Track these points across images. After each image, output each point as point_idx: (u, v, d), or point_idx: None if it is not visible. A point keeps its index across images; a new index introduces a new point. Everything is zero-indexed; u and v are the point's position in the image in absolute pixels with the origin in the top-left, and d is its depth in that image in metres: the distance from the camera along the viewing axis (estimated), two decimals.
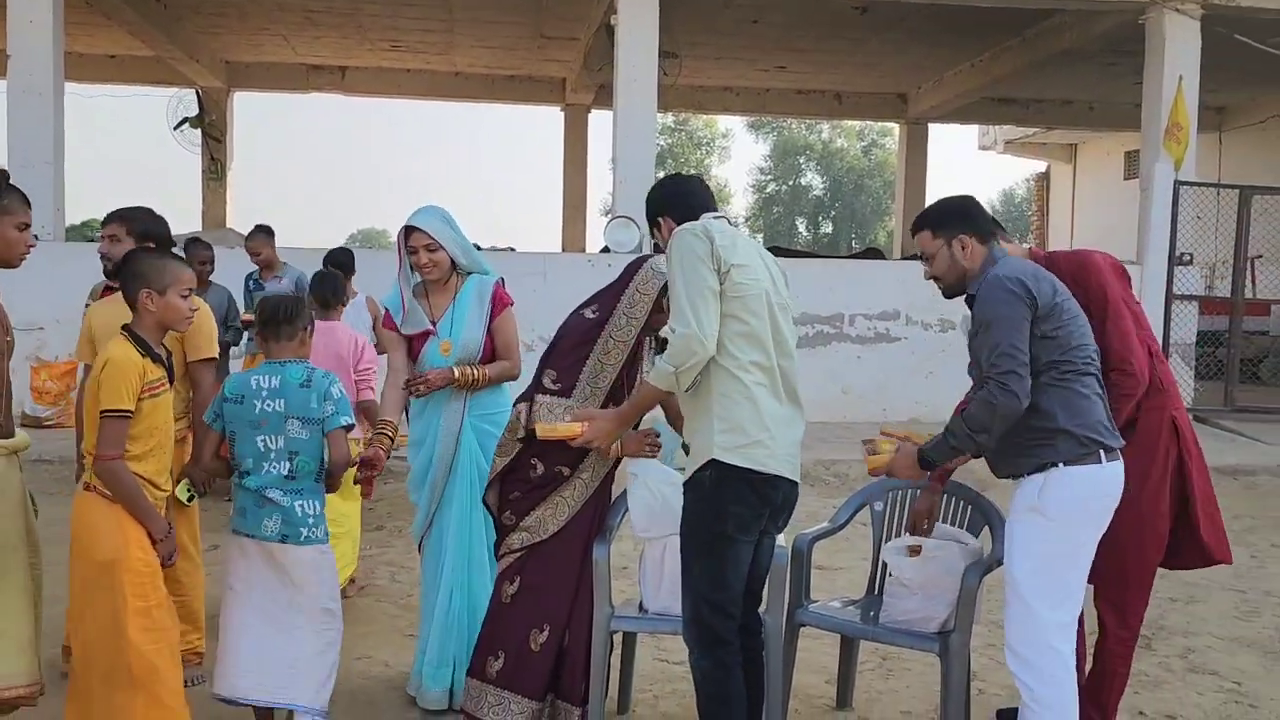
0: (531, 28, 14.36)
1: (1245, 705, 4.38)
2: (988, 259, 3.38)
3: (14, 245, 3.29)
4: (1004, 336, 3.17)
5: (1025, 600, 3.23)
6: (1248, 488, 8.75)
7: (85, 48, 15.53)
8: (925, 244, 3.46)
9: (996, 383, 3.13)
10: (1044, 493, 3.21)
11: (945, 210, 3.47)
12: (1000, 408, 3.14)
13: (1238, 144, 18.27)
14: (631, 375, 3.79)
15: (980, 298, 3.28)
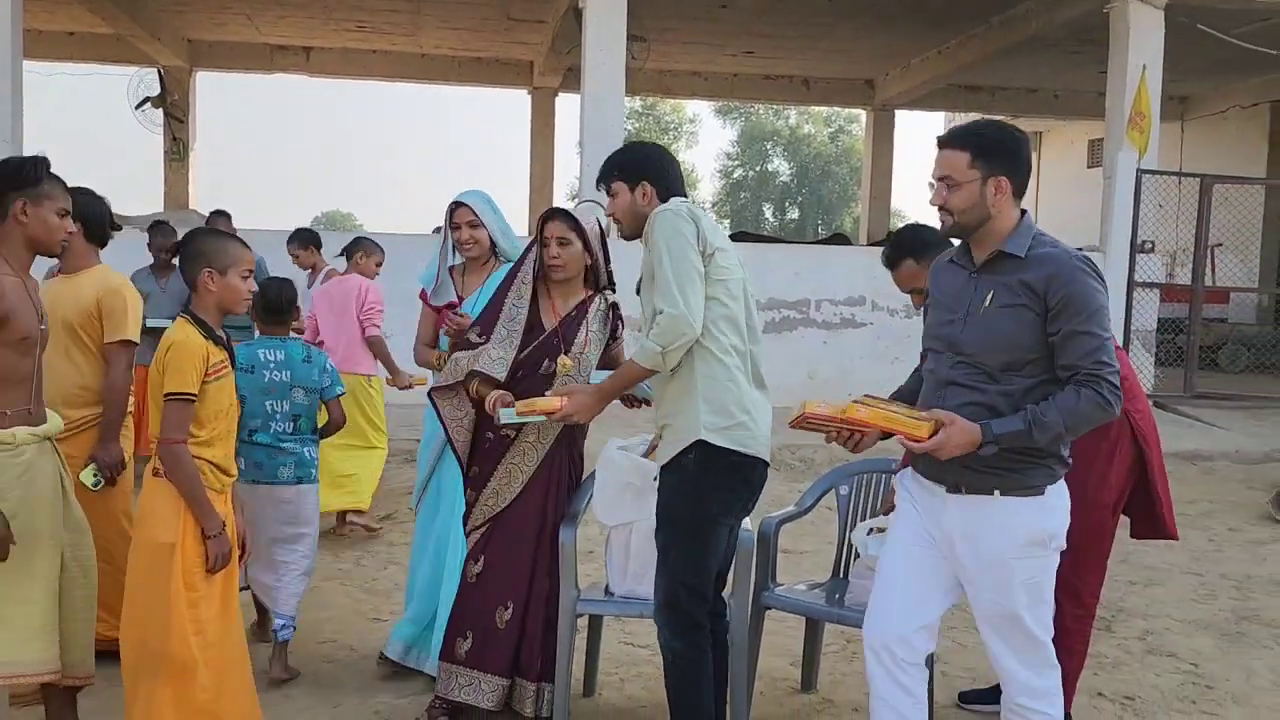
0: (499, 10, 14.26)
1: (1202, 686, 4.45)
2: (1024, 223, 2.91)
3: (54, 231, 3.27)
4: (1109, 330, 2.82)
5: (1038, 640, 2.92)
6: (1205, 473, 8.88)
7: (44, 24, 15.25)
8: (954, 169, 2.88)
9: (1110, 385, 2.75)
10: (1043, 523, 2.87)
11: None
12: (1106, 416, 2.79)
13: (1199, 133, 18.47)
14: (568, 326, 3.75)
15: (1067, 277, 2.78)
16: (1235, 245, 14.52)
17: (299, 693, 4.07)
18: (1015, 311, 2.80)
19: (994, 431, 2.75)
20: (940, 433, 2.75)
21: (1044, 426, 2.73)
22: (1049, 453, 2.84)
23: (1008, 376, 2.82)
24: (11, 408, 3.13)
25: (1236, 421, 10.63)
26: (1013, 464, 2.82)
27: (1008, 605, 2.89)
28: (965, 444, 2.75)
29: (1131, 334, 11.20)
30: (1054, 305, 2.76)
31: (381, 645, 4.32)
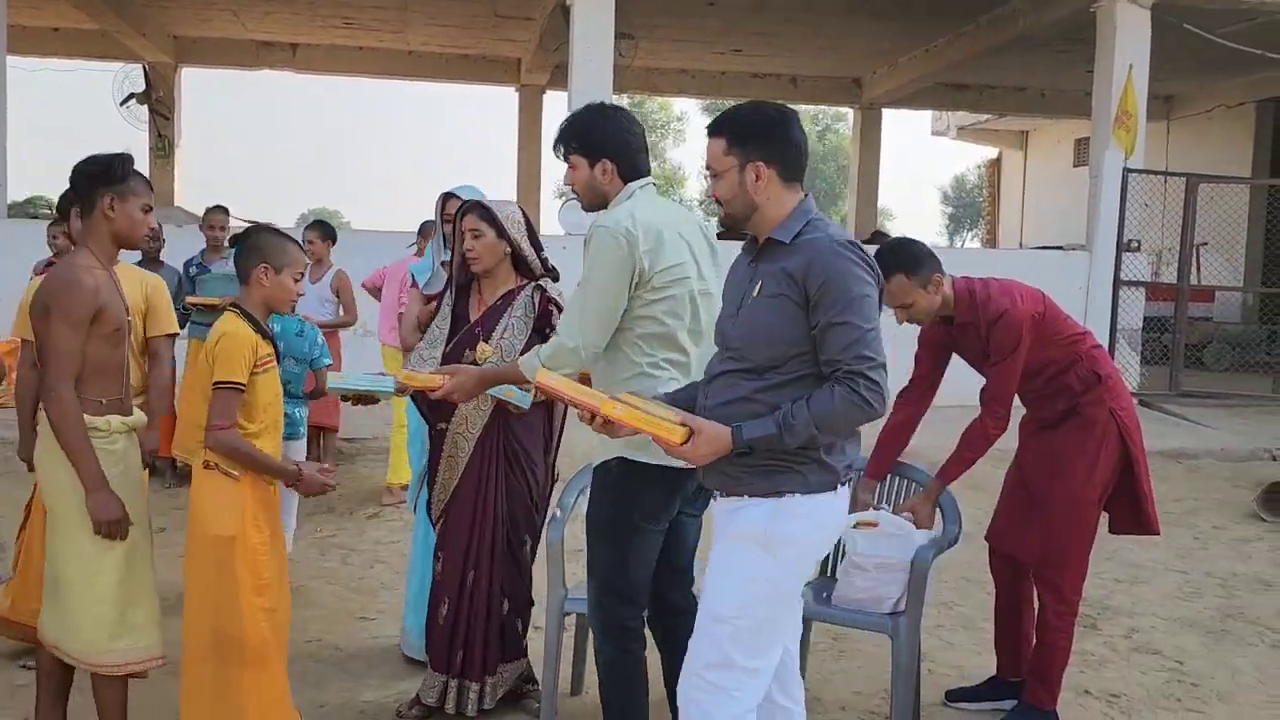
0: (486, 7, 14.22)
1: (1187, 684, 4.47)
2: (800, 208, 2.70)
3: (139, 226, 3.30)
4: (872, 320, 2.60)
5: (720, 642, 2.67)
6: (1191, 471, 8.90)
7: (28, 20, 15.14)
8: (713, 158, 2.74)
9: (869, 382, 2.54)
10: (774, 523, 2.64)
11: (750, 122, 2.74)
12: (865, 416, 2.57)
13: (1185, 133, 18.54)
14: (489, 317, 3.82)
15: (824, 263, 2.58)
16: (1220, 244, 14.57)
17: None
18: (778, 302, 2.62)
19: (744, 435, 2.56)
20: (691, 439, 2.56)
21: (793, 429, 2.53)
22: (806, 458, 2.61)
23: (771, 373, 2.63)
24: (106, 397, 3.23)
25: (1222, 420, 10.67)
26: (764, 466, 2.62)
27: (715, 598, 2.71)
28: (716, 449, 2.58)
29: (1117, 332, 11.23)
30: (813, 294, 2.56)
31: (366, 643, 4.30)
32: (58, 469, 3.19)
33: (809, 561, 2.77)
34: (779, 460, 2.61)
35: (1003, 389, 3.81)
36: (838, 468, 2.66)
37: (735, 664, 2.65)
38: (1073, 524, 3.84)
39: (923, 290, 3.74)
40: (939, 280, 3.77)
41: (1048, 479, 3.90)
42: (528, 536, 3.87)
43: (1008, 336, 3.75)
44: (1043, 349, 3.82)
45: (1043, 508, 3.89)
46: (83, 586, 3.19)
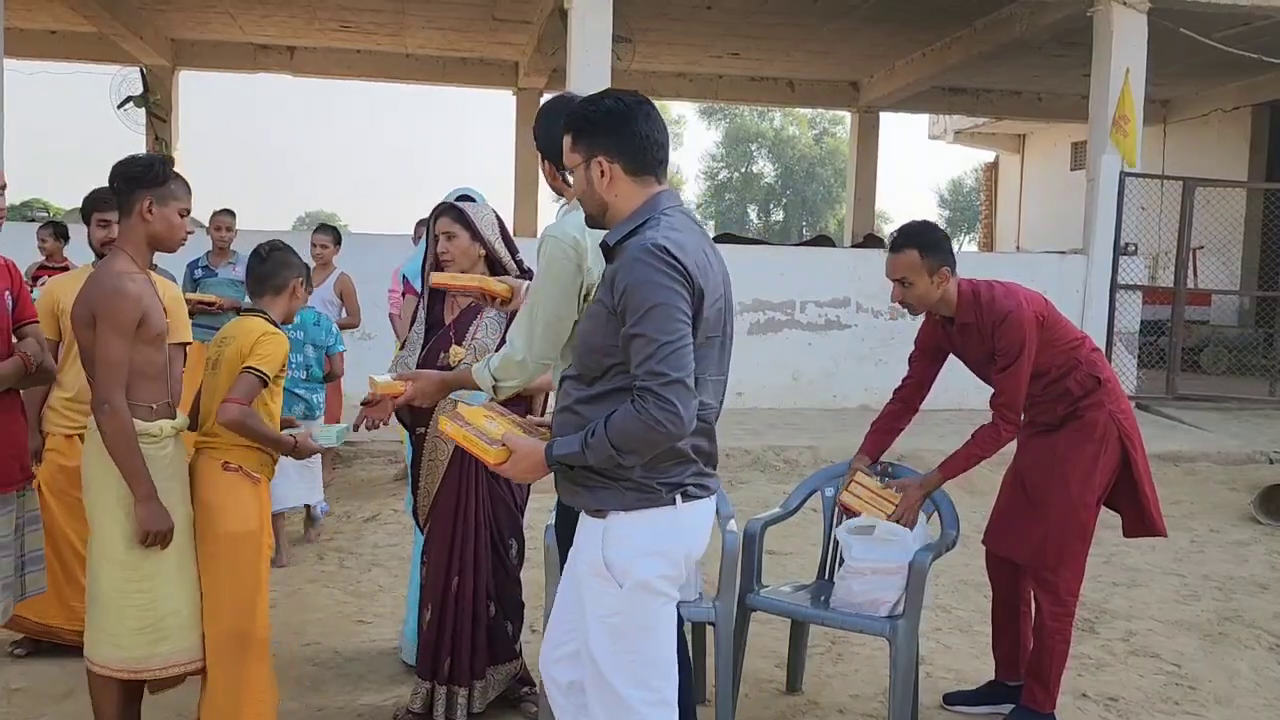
0: (484, 10, 14.22)
1: (1185, 687, 4.47)
2: (647, 204, 2.54)
3: (176, 230, 3.34)
4: (671, 332, 2.37)
5: (606, 680, 2.54)
6: (1188, 474, 8.91)
7: (25, 23, 15.13)
8: (566, 155, 2.61)
9: (658, 400, 2.33)
10: (607, 552, 2.50)
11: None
12: (657, 436, 2.38)
13: (1182, 137, 18.56)
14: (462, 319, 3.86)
15: (626, 269, 2.42)
16: (1217, 248, 14.60)
17: (282, 694, 4.04)
18: (596, 308, 2.50)
19: (554, 454, 2.48)
20: (509, 459, 2.53)
21: (593, 448, 2.40)
22: (621, 476, 2.47)
23: (596, 382, 2.50)
24: (155, 402, 3.28)
25: (1218, 423, 10.68)
26: (585, 481, 2.52)
27: (586, 642, 2.57)
28: (531, 467, 2.52)
29: (1114, 336, 11.24)
30: (618, 302, 2.40)
31: (364, 647, 4.30)
32: (103, 480, 3.21)
33: (664, 580, 2.53)
34: (597, 475, 2.49)
35: (1013, 393, 3.79)
36: (657, 486, 2.48)
37: (634, 704, 2.52)
38: (1070, 526, 3.84)
39: (928, 276, 3.75)
40: (947, 275, 3.77)
41: (1046, 481, 3.88)
42: (513, 539, 3.88)
43: (1014, 338, 3.74)
44: (1044, 353, 3.81)
45: (1040, 509, 3.88)
46: (120, 596, 3.21)
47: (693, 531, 2.58)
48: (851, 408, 10.79)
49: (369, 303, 7.65)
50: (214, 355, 3.51)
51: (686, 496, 2.52)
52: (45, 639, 4.28)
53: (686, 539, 2.57)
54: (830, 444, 8.72)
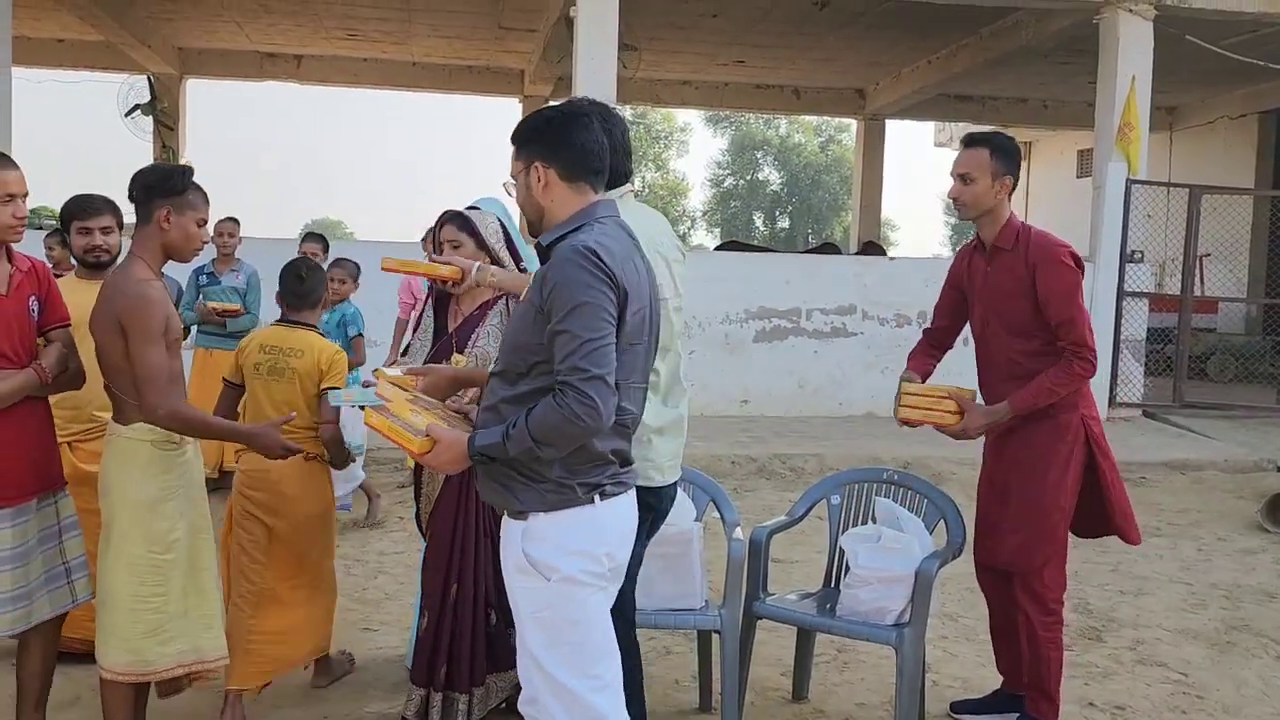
0: (490, 18, 14.26)
1: (1192, 696, 4.45)
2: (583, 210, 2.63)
3: (192, 240, 3.38)
4: (594, 330, 2.45)
5: (549, 673, 2.60)
6: (1195, 482, 8.89)
7: (33, 31, 15.21)
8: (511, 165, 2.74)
9: (577, 394, 2.41)
10: (526, 548, 2.57)
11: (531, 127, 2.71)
12: (576, 429, 2.45)
13: (1188, 144, 18.55)
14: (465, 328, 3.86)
15: (555, 268, 2.52)
16: (1223, 255, 14.58)
17: (287, 702, 4.05)
18: (525, 308, 2.59)
19: (476, 444, 2.53)
20: (433, 449, 2.56)
21: (514, 439, 2.46)
22: (540, 476, 2.53)
23: (521, 380, 2.57)
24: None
25: (1225, 431, 10.65)
26: (507, 481, 2.58)
27: (523, 639, 2.64)
28: (454, 458, 2.57)
29: (1121, 343, 11.22)
30: (546, 301, 2.49)
31: (370, 654, 4.30)
32: (122, 482, 3.27)
33: (590, 574, 2.58)
34: (517, 477, 2.55)
35: (1081, 328, 3.70)
36: (574, 485, 2.54)
37: (579, 693, 2.58)
38: (1045, 528, 3.82)
39: (991, 178, 3.77)
40: (1008, 185, 3.79)
41: (1023, 481, 3.84)
42: None
43: (1063, 271, 3.70)
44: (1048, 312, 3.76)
45: (1018, 512, 3.84)
46: (134, 600, 3.26)
47: (615, 528, 2.65)
48: (858, 415, 10.78)
49: (373, 310, 7.64)
50: (270, 363, 3.93)
51: (604, 495, 2.59)
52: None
53: (609, 536, 2.63)
54: (837, 452, 8.70)
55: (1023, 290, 3.75)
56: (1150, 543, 6.94)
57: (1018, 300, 3.77)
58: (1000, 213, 3.82)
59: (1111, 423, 11.06)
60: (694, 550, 3.84)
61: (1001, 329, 3.85)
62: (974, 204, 3.81)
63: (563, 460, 2.52)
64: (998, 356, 3.89)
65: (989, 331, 3.91)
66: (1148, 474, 9.00)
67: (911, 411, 3.85)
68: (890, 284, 11.06)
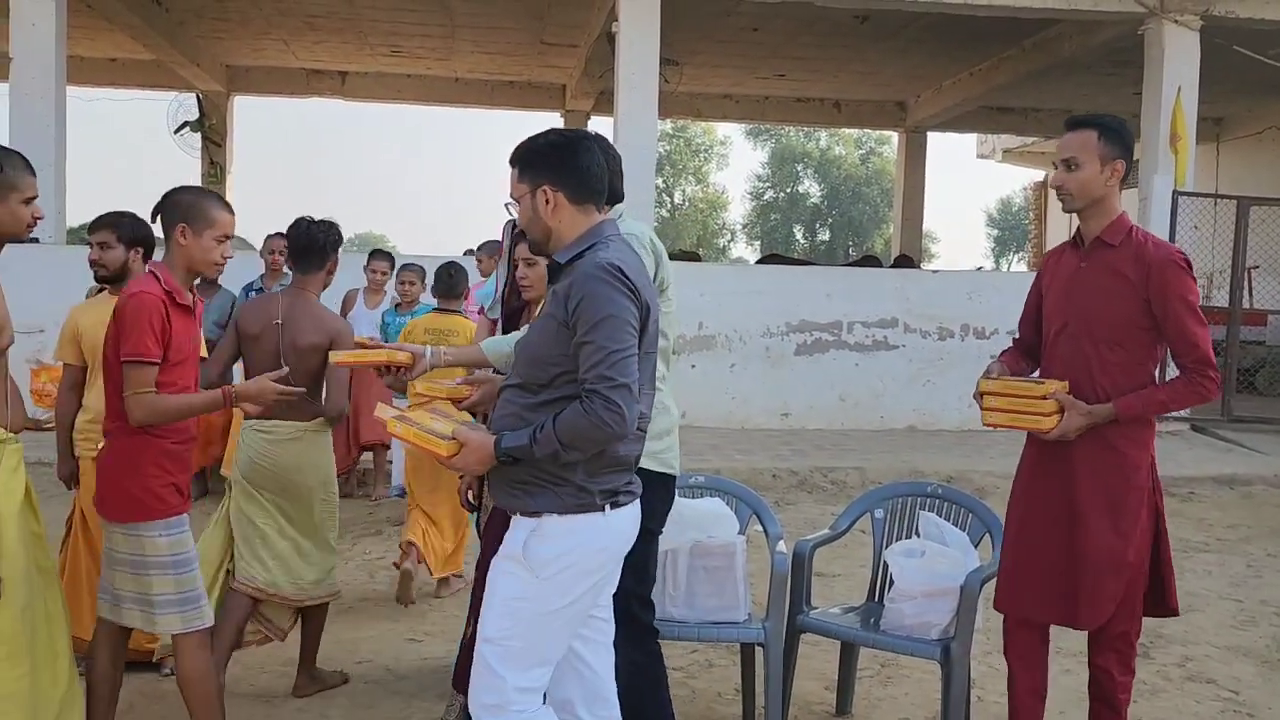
0: (532, 34, 14.38)
1: (1243, 714, 4.40)
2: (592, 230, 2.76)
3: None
4: (620, 341, 2.59)
5: (486, 657, 2.70)
6: (1244, 497, 8.77)
7: (86, 51, 15.52)
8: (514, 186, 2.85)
9: (605, 401, 2.54)
10: (532, 543, 2.68)
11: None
12: (605, 434, 2.58)
13: (1236, 155, 18.31)
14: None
15: (580, 284, 2.64)
16: (1273, 267, 14.34)
17: (335, 711, 4.10)
18: (547, 321, 2.71)
19: (503, 445, 2.63)
20: (460, 452, 2.66)
21: (540, 442, 2.58)
22: (561, 479, 2.63)
23: (542, 390, 2.68)
24: None
25: (1275, 445, 10.49)
26: (526, 484, 2.67)
27: (484, 618, 2.74)
28: (481, 459, 2.66)
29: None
30: (571, 314, 2.62)
31: (416, 664, 4.34)
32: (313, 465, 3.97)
33: (577, 581, 2.69)
34: (536, 480, 2.65)
35: (1208, 346, 3.31)
36: (594, 490, 2.66)
37: (506, 684, 2.66)
38: (1131, 579, 3.35)
39: (1099, 163, 3.34)
40: (1120, 171, 3.37)
41: (1100, 528, 3.31)
42: None
43: (1186, 279, 3.29)
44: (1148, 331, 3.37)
45: (1100, 563, 3.31)
46: None
47: (618, 535, 2.77)
48: (899, 429, 10.73)
49: None
50: (434, 341, 4.52)
51: (616, 505, 2.71)
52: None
53: (611, 547, 2.75)
54: (878, 465, 8.67)
55: (1127, 293, 3.30)
56: (1199, 558, 6.86)
57: (1117, 303, 3.32)
58: (1110, 204, 3.40)
59: (1159, 437, 10.91)
60: (737, 563, 3.85)
61: (1084, 334, 3.37)
62: (1080, 192, 3.39)
63: (585, 464, 2.63)
64: (1074, 366, 3.38)
65: (1065, 336, 3.42)
66: (1196, 489, 8.89)
67: (998, 416, 3.36)
68: (933, 297, 11.01)
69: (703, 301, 10.61)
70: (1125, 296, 3.31)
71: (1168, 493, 8.61)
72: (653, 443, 3.26)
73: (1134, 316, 3.32)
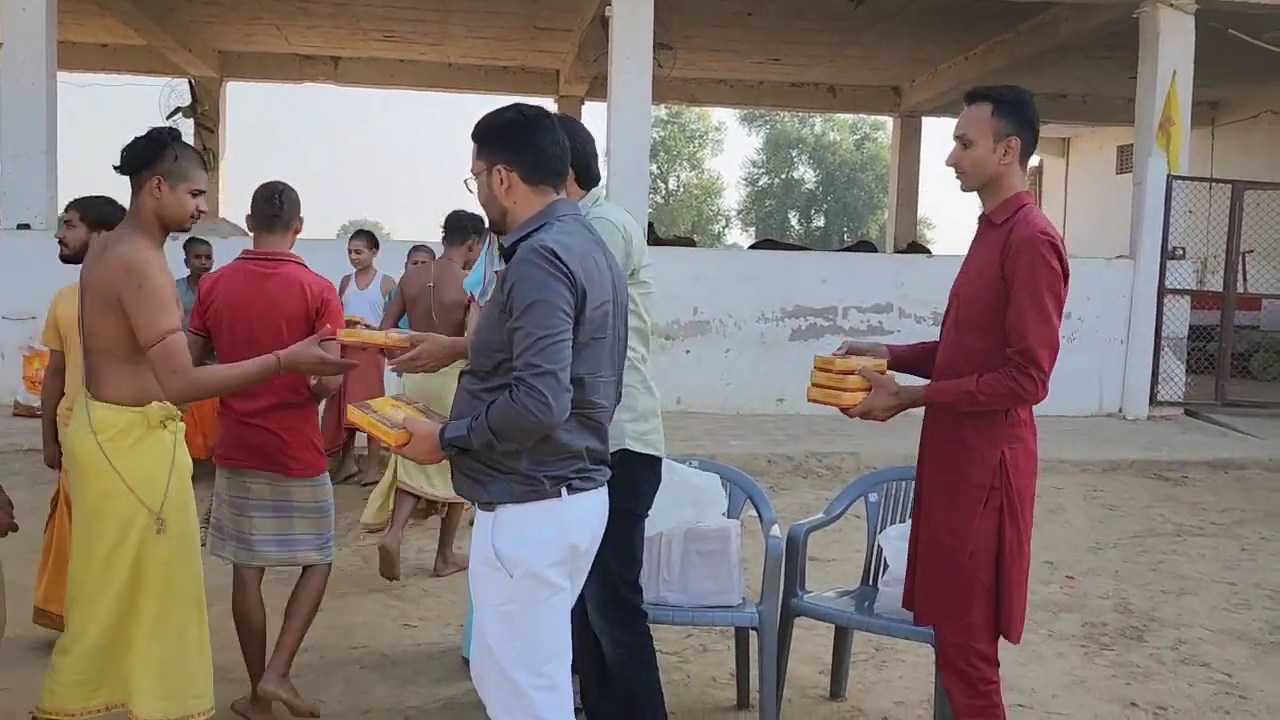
0: (525, 19, 14.33)
1: (1236, 696, 4.41)
2: (545, 210, 2.69)
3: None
4: (548, 327, 2.51)
5: (500, 664, 2.66)
6: (1238, 481, 8.79)
7: (77, 36, 15.45)
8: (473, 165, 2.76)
9: (528, 389, 2.47)
10: (497, 543, 2.62)
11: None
12: (530, 423, 2.50)
13: (1230, 139, 18.31)
14: None
15: (514, 268, 2.59)
16: (1267, 251, 14.37)
17: (331, 698, 4.10)
18: (490, 307, 2.68)
19: (446, 436, 2.61)
20: (409, 442, 2.65)
21: (476, 430, 2.54)
22: (507, 467, 2.59)
23: (491, 376, 2.63)
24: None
25: (1269, 429, 10.52)
26: (477, 474, 2.65)
27: (481, 631, 2.69)
28: (428, 449, 2.64)
29: (1162, 341, 11.12)
30: (507, 298, 2.56)
31: (411, 650, 4.34)
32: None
33: (549, 570, 2.63)
34: (486, 470, 2.63)
35: (1033, 340, 2.91)
36: (542, 478, 2.60)
37: (523, 687, 2.63)
38: (959, 576, 3.06)
39: (993, 139, 3.04)
40: (1015, 149, 3.05)
41: (930, 510, 3.15)
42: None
43: (1036, 263, 2.93)
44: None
45: (926, 550, 3.16)
46: None
47: (579, 522, 2.69)
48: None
49: None
50: None
51: (571, 489, 2.64)
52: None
53: (573, 530, 2.67)
54: (872, 450, 8.68)
55: (992, 274, 3.01)
56: (1193, 542, 6.88)
57: (984, 285, 3.04)
58: (1007, 182, 3.07)
59: (1154, 421, 11.01)
60: (732, 547, 3.85)
61: (958, 321, 3.15)
62: (974, 171, 3.09)
63: (530, 453, 2.58)
64: (949, 355, 3.17)
65: (948, 323, 3.23)
66: (1190, 473, 8.91)
67: (815, 392, 3.26)
68: (927, 282, 10.96)
69: (697, 287, 10.60)
70: (989, 279, 3.02)
71: (1161, 476, 8.72)
72: (637, 424, 3.29)
73: (994, 301, 3.00)
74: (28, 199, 9.75)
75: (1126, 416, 11.13)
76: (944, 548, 3.05)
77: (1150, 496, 8.19)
